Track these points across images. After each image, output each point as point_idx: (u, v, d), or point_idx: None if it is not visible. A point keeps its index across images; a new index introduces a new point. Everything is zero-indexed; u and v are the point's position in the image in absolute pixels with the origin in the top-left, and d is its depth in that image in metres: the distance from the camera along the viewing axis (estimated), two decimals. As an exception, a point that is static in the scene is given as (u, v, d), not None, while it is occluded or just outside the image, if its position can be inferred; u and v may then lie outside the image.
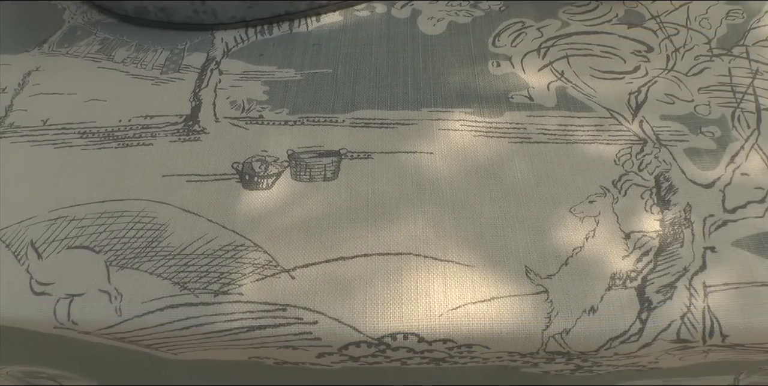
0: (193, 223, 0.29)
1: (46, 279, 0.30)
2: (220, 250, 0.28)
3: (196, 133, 0.32)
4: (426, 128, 0.31)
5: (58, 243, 0.30)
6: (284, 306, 0.26)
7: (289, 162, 0.30)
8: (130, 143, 0.33)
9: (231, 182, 0.30)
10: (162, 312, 0.27)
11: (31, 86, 0.38)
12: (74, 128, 0.35)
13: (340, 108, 0.32)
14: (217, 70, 0.35)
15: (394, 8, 0.37)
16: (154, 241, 0.29)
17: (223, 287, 0.27)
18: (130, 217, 0.30)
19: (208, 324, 0.26)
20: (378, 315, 0.26)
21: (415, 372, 0.30)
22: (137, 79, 0.36)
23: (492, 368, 0.30)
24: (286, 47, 0.36)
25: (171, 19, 0.36)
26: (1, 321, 0.30)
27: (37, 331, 0.30)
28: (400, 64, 0.34)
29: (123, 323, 0.27)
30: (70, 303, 0.28)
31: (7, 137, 0.36)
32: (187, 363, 0.30)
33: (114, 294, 0.28)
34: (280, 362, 0.29)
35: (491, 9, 0.37)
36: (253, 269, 0.27)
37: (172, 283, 0.27)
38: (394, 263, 0.27)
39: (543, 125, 0.32)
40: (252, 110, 0.33)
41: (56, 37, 0.41)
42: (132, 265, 0.28)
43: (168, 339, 0.27)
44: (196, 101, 0.34)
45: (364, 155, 0.30)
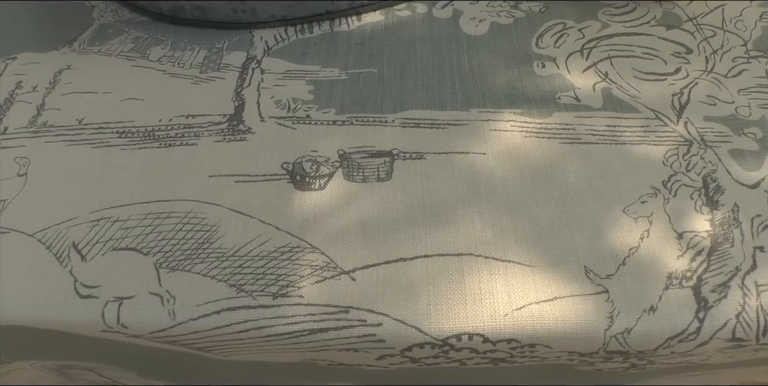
0: (245, 224, 0.29)
1: (92, 282, 0.29)
2: (275, 252, 0.28)
3: (242, 132, 0.32)
4: (477, 129, 0.32)
5: (102, 245, 0.30)
6: (347, 308, 0.26)
7: (341, 162, 0.30)
8: (173, 142, 0.33)
9: (282, 182, 0.30)
10: (218, 315, 0.26)
11: (63, 85, 0.38)
12: (112, 127, 0.35)
13: (389, 108, 0.33)
14: (258, 69, 0.35)
15: (435, 8, 0.38)
16: (205, 242, 0.29)
17: (282, 290, 0.27)
18: (178, 218, 0.30)
19: (267, 327, 0.26)
20: (442, 315, 0.26)
21: (468, 372, 0.30)
22: (175, 78, 0.36)
23: (546, 366, 0.30)
24: (328, 46, 0.36)
25: (208, 18, 0.36)
26: (45, 325, 0.29)
27: (80, 334, 0.29)
28: (445, 65, 0.34)
29: (176, 326, 0.27)
30: (119, 306, 0.28)
31: (41, 137, 0.36)
32: (234, 363, 0.30)
33: (166, 297, 0.27)
34: (334, 363, 0.29)
35: (531, 10, 0.38)
36: (312, 271, 0.27)
37: (228, 285, 0.27)
38: (455, 264, 0.27)
39: (592, 126, 0.32)
40: (298, 110, 0.32)
41: (86, 35, 0.41)
42: (183, 267, 0.28)
43: (223, 342, 0.27)
44: (238, 100, 0.34)
45: (416, 155, 0.30)
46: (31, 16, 0.43)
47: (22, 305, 0.29)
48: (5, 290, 0.30)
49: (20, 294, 0.30)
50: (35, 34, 0.42)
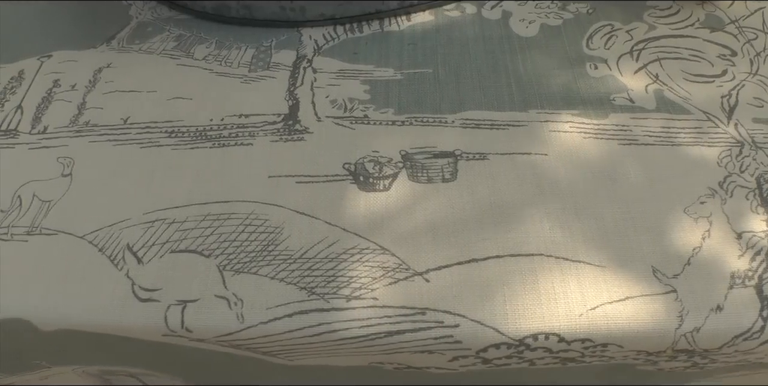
0: (311, 225, 0.29)
1: (151, 285, 0.28)
2: (344, 253, 0.28)
3: (299, 132, 0.32)
4: (536, 130, 0.32)
5: (159, 247, 0.29)
6: (423, 309, 0.26)
7: (404, 163, 0.30)
8: (227, 142, 0.32)
9: (345, 183, 0.30)
10: (290, 318, 0.26)
11: (103, 83, 0.37)
12: (160, 126, 0.34)
13: (448, 109, 0.33)
14: (310, 68, 0.35)
15: (483, 9, 0.38)
16: (270, 244, 0.28)
17: (355, 292, 0.27)
18: (239, 219, 0.29)
19: (342, 329, 0.26)
20: (519, 316, 0.26)
21: (534, 372, 0.30)
22: (224, 77, 0.35)
23: (609, 366, 0.30)
24: (380, 46, 0.36)
25: (254, 16, 0.36)
26: (101, 329, 0.29)
27: (138, 338, 0.28)
28: (500, 66, 0.35)
29: (245, 330, 0.26)
30: (182, 310, 0.27)
31: (84, 136, 0.35)
32: (294, 368, 0.30)
33: (233, 300, 0.27)
34: (402, 367, 0.29)
35: (579, 11, 0.38)
36: (384, 272, 0.27)
37: (298, 288, 0.27)
38: (527, 265, 0.27)
39: (647, 127, 0.33)
40: (355, 110, 0.32)
41: (125, 33, 0.40)
42: (249, 269, 0.28)
43: (293, 346, 0.27)
44: (292, 99, 0.33)
45: (479, 156, 0.30)
46: (64, 14, 0.42)
47: (75, 308, 0.29)
48: (56, 293, 0.29)
49: (73, 297, 0.29)
50: (70, 32, 0.41)
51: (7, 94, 0.39)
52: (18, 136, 0.37)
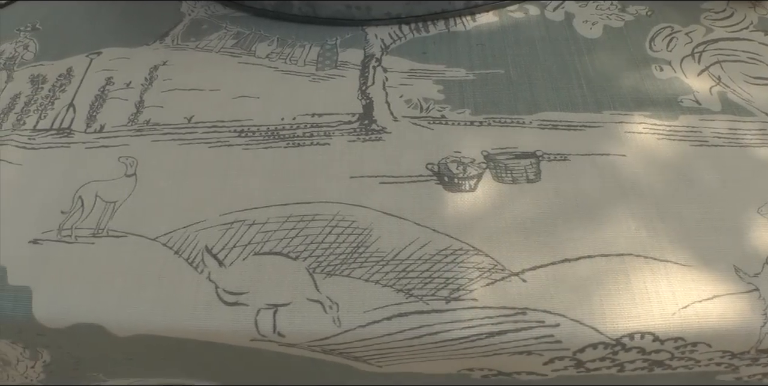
0: (400, 227, 0.28)
1: (236, 288, 0.28)
2: (438, 255, 0.27)
3: (376, 132, 0.32)
4: (612, 131, 0.32)
5: (242, 249, 0.29)
6: (523, 309, 0.26)
7: (487, 164, 0.30)
8: (302, 142, 0.32)
9: (430, 183, 0.30)
10: (389, 321, 0.26)
11: (161, 81, 0.37)
12: (227, 125, 0.33)
13: (524, 109, 0.33)
14: (380, 67, 0.35)
15: (546, 10, 0.39)
16: (360, 246, 0.28)
17: (454, 293, 0.26)
18: (324, 221, 0.29)
19: (443, 331, 0.26)
20: (616, 315, 0.26)
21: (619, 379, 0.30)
22: (291, 76, 0.35)
23: (691, 375, 0.31)
24: (448, 46, 0.36)
25: (317, 14, 0.36)
26: (183, 334, 0.28)
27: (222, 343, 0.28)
28: (569, 67, 0.35)
29: (342, 334, 0.26)
30: (274, 314, 0.27)
31: (146, 135, 0.34)
32: (380, 375, 0.29)
33: (328, 304, 0.26)
34: (491, 373, 0.28)
35: (638, 13, 0.39)
36: (480, 273, 0.27)
37: (395, 290, 0.27)
38: (618, 264, 0.28)
39: (715, 129, 0.33)
40: (432, 110, 0.32)
41: (178, 30, 0.39)
42: (340, 272, 0.27)
43: (390, 349, 0.27)
44: (365, 99, 0.33)
45: (560, 157, 0.31)
46: (113, 11, 0.42)
47: (155, 313, 0.28)
48: (132, 297, 0.29)
49: (152, 301, 0.28)
50: (119, 28, 0.40)
51: (57, 91, 0.38)
52: (72, 135, 0.36)
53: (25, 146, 0.36)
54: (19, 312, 0.30)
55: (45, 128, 0.36)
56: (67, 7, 0.43)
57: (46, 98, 0.37)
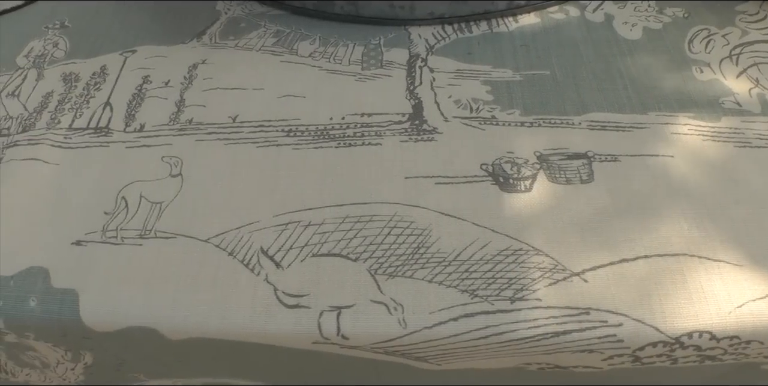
0: (459, 227, 0.29)
1: (297, 290, 0.28)
2: (498, 255, 0.28)
3: (428, 132, 0.32)
4: (659, 132, 0.33)
5: (299, 251, 0.29)
6: (587, 309, 0.26)
7: (541, 164, 0.30)
8: (353, 142, 0.32)
9: (485, 184, 0.30)
10: (456, 322, 0.26)
11: (201, 80, 0.36)
12: (274, 125, 0.33)
13: (572, 110, 0.33)
14: (426, 67, 0.35)
15: (586, 12, 0.39)
16: (421, 247, 0.28)
17: (518, 294, 0.27)
18: (382, 222, 0.29)
19: (509, 331, 0.26)
20: (675, 314, 0.27)
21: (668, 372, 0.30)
22: (336, 75, 0.35)
23: (737, 366, 0.31)
24: (493, 47, 0.36)
25: (360, 13, 0.36)
26: (243, 337, 0.28)
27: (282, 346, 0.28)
28: (613, 68, 0.36)
29: (408, 335, 0.26)
30: (338, 316, 0.27)
31: (189, 135, 0.34)
32: (438, 372, 0.29)
33: (392, 305, 0.27)
34: (549, 366, 0.29)
35: (676, 15, 0.39)
36: (542, 273, 0.27)
37: (459, 291, 0.27)
38: (673, 264, 0.28)
39: (757, 131, 0.34)
40: (482, 110, 0.32)
41: (215, 28, 0.39)
42: (403, 273, 0.27)
43: (454, 349, 0.27)
44: (414, 99, 0.33)
45: (611, 157, 0.31)
46: (144, 9, 0.41)
47: (212, 315, 0.28)
48: (187, 299, 0.28)
49: (208, 303, 0.28)
50: (153, 27, 0.40)
51: (91, 90, 0.38)
52: (111, 134, 0.35)
53: (61, 145, 0.35)
54: (65, 315, 0.29)
55: (81, 126, 0.36)
56: (95, 4, 0.42)
57: (81, 96, 0.37)
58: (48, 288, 0.30)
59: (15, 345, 0.33)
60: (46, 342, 0.32)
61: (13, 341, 0.33)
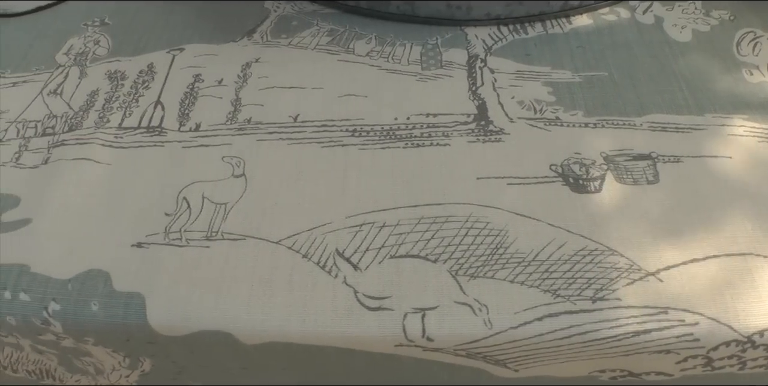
0: (535, 228, 0.29)
1: (378, 293, 0.28)
2: (576, 255, 0.28)
3: (494, 133, 0.32)
4: (716, 133, 0.34)
5: (376, 252, 0.29)
6: (665, 308, 0.27)
7: (608, 165, 0.31)
8: (421, 142, 0.32)
9: (556, 184, 0.31)
10: (541, 322, 0.27)
11: (256, 79, 0.36)
12: (338, 125, 0.33)
13: (632, 111, 0.34)
14: (486, 68, 0.35)
15: (636, 13, 0.40)
16: (499, 247, 0.28)
17: (598, 293, 0.27)
18: (458, 222, 0.29)
19: (592, 331, 0.27)
20: (747, 313, 0.28)
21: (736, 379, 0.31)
22: (396, 75, 0.35)
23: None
24: (550, 48, 0.37)
25: (416, 13, 0.36)
26: (323, 341, 0.28)
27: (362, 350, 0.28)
28: (667, 70, 0.37)
29: (493, 336, 0.27)
30: (422, 318, 0.27)
31: (249, 134, 0.34)
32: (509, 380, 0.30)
33: (477, 306, 0.27)
34: (621, 375, 0.29)
35: (722, 18, 0.41)
36: (619, 273, 0.28)
37: (541, 291, 0.27)
38: (741, 263, 0.29)
39: (808, 132, 0.36)
40: (545, 111, 0.33)
41: (266, 26, 0.39)
42: (483, 274, 0.28)
43: (536, 351, 0.27)
44: (477, 99, 0.34)
45: (674, 158, 0.32)
46: (189, 6, 0.41)
47: (291, 320, 0.28)
48: (262, 303, 0.28)
49: (286, 307, 0.28)
50: (199, 24, 0.40)
51: (140, 88, 0.37)
52: (165, 133, 0.35)
53: (112, 145, 0.35)
54: (131, 320, 0.29)
55: (132, 126, 0.35)
56: (136, 2, 0.42)
57: (129, 94, 0.37)
58: (111, 292, 0.29)
59: (70, 350, 0.33)
60: (106, 347, 0.32)
61: (70, 346, 0.32)
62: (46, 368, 0.36)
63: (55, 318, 0.30)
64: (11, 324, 0.31)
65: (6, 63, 0.40)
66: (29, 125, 0.37)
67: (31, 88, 0.38)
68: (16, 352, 0.35)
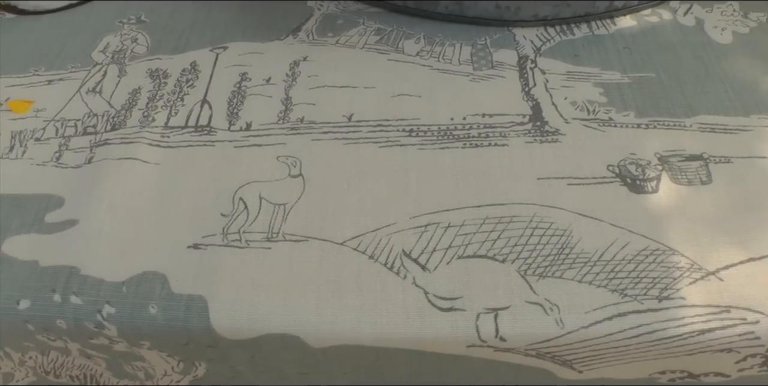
0: (598, 228, 0.30)
1: (449, 293, 0.28)
2: (639, 255, 0.29)
3: (551, 134, 0.33)
4: (763, 134, 0.35)
5: (443, 253, 0.29)
6: (727, 307, 0.28)
7: (662, 165, 0.32)
8: (479, 143, 0.33)
9: (615, 185, 0.31)
10: (610, 321, 0.27)
11: (306, 78, 0.36)
12: (394, 125, 0.34)
13: (682, 112, 0.35)
14: (536, 69, 0.36)
15: (677, 15, 0.41)
16: (565, 247, 0.29)
17: (663, 292, 0.28)
18: (523, 222, 0.30)
19: (659, 330, 0.27)
20: (804, 311, 0.29)
21: None
22: (449, 75, 0.36)
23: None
24: (597, 49, 0.38)
25: (464, 13, 0.36)
26: (395, 343, 0.28)
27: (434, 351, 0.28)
28: (712, 71, 0.38)
29: (565, 335, 0.27)
30: (495, 318, 0.27)
31: (303, 134, 0.34)
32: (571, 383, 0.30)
33: (548, 305, 0.28)
34: (679, 377, 0.30)
35: (760, 20, 0.42)
36: (681, 272, 0.29)
37: (609, 290, 0.28)
38: (796, 262, 0.30)
39: None
40: (599, 112, 0.34)
41: (310, 25, 0.39)
42: (552, 273, 0.28)
43: (604, 350, 0.28)
44: (531, 100, 0.34)
45: (724, 159, 0.33)
46: (230, 4, 0.41)
47: (362, 322, 0.28)
48: (331, 305, 0.28)
49: (356, 309, 0.28)
50: (241, 23, 0.40)
51: (184, 87, 0.37)
52: (215, 133, 0.35)
53: (159, 144, 0.35)
54: (193, 323, 0.29)
55: (179, 125, 0.35)
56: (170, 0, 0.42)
57: (173, 93, 0.36)
58: (169, 294, 0.29)
59: (122, 355, 0.32)
60: (161, 352, 0.31)
61: (122, 350, 0.32)
62: (92, 373, 0.36)
63: (110, 322, 0.29)
64: (62, 328, 0.30)
65: (39, 60, 0.40)
66: (68, 123, 0.37)
67: (68, 86, 0.38)
68: (61, 357, 0.35)
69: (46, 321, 0.30)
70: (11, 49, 0.41)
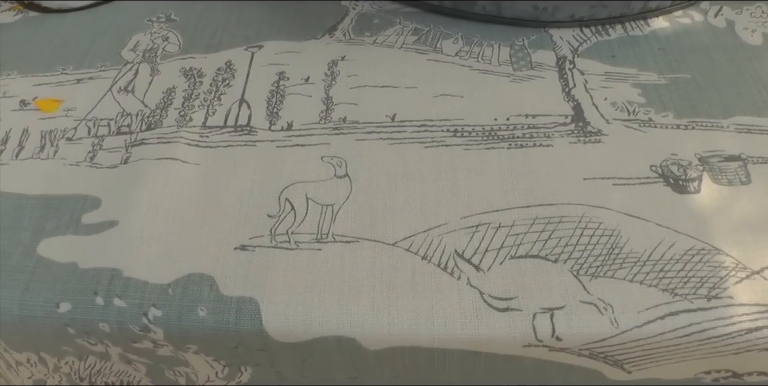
0: (644, 228, 0.31)
1: (504, 294, 0.29)
2: (686, 255, 0.30)
3: (593, 134, 0.34)
4: (796, 135, 0.36)
5: (495, 253, 0.30)
6: (774, 306, 0.29)
7: (703, 166, 0.33)
8: (524, 143, 0.33)
9: (658, 185, 0.32)
10: (663, 321, 0.28)
11: (345, 77, 0.37)
12: (438, 125, 0.34)
13: (719, 113, 0.36)
14: (575, 69, 0.36)
15: (708, 17, 0.42)
16: (614, 247, 0.30)
17: (712, 291, 0.29)
18: (573, 222, 0.31)
19: (709, 329, 0.28)
20: None
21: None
22: (488, 75, 0.36)
23: None
24: (633, 50, 0.39)
25: (501, 13, 0.37)
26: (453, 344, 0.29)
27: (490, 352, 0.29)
28: (745, 73, 0.39)
29: (619, 335, 0.28)
30: (551, 318, 0.28)
31: (346, 134, 0.34)
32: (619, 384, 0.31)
33: (602, 305, 0.28)
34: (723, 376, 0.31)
35: (786, 23, 0.43)
36: (727, 272, 0.30)
37: (659, 290, 0.29)
38: (824, 262, 0.32)
39: None
40: (638, 113, 0.35)
41: (346, 24, 0.40)
42: (603, 273, 0.29)
43: (656, 350, 0.29)
44: (572, 101, 0.35)
45: (762, 160, 0.34)
46: (264, 3, 0.41)
47: (419, 323, 0.28)
48: (387, 306, 0.29)
49: (412, 311, 0.29)
50: (276, 21, 0.40)
51: (220, 86, 0.37)
52: (255, 132, 0.35)
53: (198, 144, 0.35)
54: (244, 326, 0.29)
55: (217, 124, 0.35)
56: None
57: (209, 92, 0.36)
58: (219, 297, 0.29)
59: (165, 359, 0.33)
60: (207, 356, 0.32)
61: (166, 354, 0.32)
62: (129, 379, 0.35)
63: (157, 325, 0.30)
64: (104, 331, 0.30)
65: (67, 59, 0.40)
66: (101, 123, 0.36)
67: (98, 85, 0.38)
68: (100, 362, 0.34)
69: (88, 324, 0.30)
70: (36, 47, 0.40)
